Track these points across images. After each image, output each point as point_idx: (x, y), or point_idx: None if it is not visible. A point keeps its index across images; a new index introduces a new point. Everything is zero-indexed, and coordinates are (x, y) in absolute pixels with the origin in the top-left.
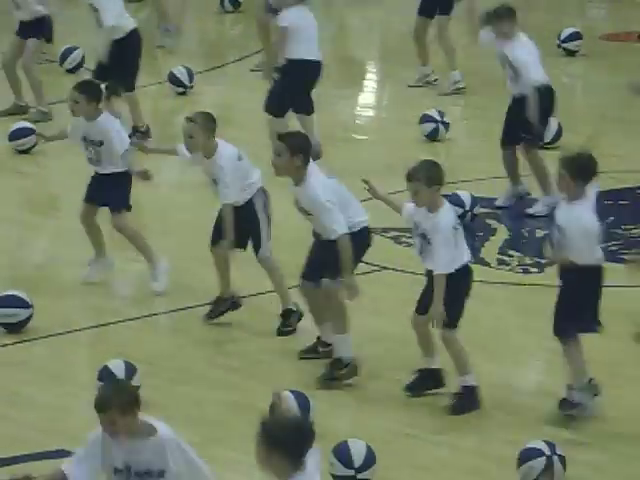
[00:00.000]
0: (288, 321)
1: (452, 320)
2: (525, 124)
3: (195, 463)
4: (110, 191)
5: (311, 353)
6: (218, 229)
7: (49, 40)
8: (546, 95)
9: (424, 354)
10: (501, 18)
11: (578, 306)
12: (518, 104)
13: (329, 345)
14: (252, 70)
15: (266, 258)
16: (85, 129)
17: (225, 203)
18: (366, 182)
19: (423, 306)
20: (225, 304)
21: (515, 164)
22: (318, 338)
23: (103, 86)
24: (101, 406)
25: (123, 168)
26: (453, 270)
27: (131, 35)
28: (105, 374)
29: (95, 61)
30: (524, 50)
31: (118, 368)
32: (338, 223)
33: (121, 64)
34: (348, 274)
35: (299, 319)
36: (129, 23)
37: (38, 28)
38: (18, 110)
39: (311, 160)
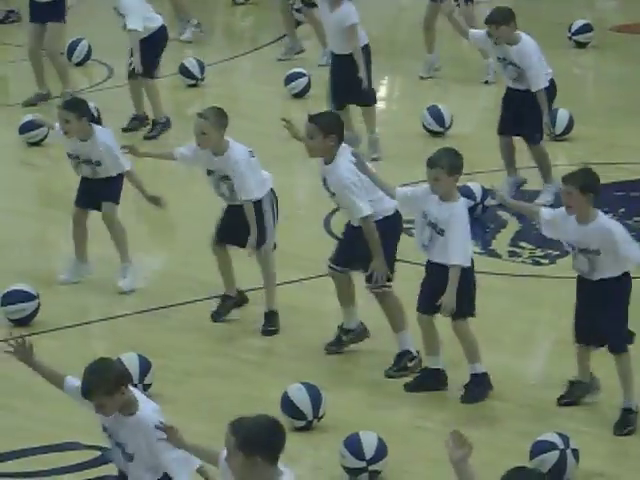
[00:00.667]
0: (271, 322)
1: (467, 310)
2: (532, 122)
3: (156, 453)
4: (103, 189)
5: (336, 345)
6: (224, 229)
7: (64, 20)
8: (552, 89)
9: (428, 352)
10: (498, 24)
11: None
12: (523, 97)
13: (351, 331)
14: (280, 59)
15: (265, 255)
16: (79, 149)
17: (247, 199)
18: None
19: (427, 303)
20: (231, 302)
21: (513, 153)
22: (340, 327)
23: (92, 105)
24: (88, 394)
25: (122, 170)
26: (469, 264)
27: (157, 33)
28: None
29: (127, 66)
30: (529, 52)
31: (132, 361)
32: (363, 205)
33: (143, 53)
34: (377, 256)
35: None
36: (156, 22)
37: (55, 10)
38: (40, 100)
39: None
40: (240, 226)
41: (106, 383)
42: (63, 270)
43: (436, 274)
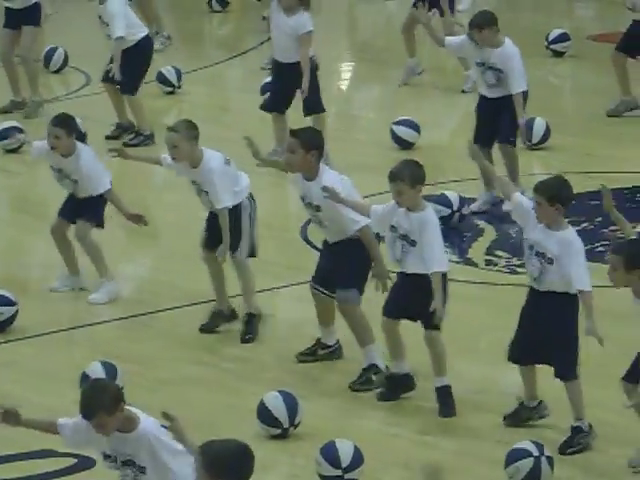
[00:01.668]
0: (250, 327)
1: (439, 321)
2: (508, 125)
3: (164, 463)
4: (85, 208)
5: (310, 356)
6: (209, 237)
7: (39, 24)
8: (525, 96)
9: (393, 358)
10: (481, 27)
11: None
12: (497, 105)
13: (328, 347)
14: (262, 68)
15: (240, 260)
16: (61, 164)
17: (221, 208)
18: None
19: (396, 309)
20: (223, 318)
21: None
22: (318, 340)
23: (79, 121)
24: (88, 414)
25: (104, 189)
26: (447, 269)
27: (141, 42)
28: (84, 381)
29: (104, 69)
30: (512, 55)
31: (97, 372)
32: (354, 216)
33: (127, 67)
34: (378, 262)
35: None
36: (140, 32)
37: (32, 15)
38: (15, 107)
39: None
40: (219, 231)
41: (105, 403)
42: (56, 277)
43: (409, 283)
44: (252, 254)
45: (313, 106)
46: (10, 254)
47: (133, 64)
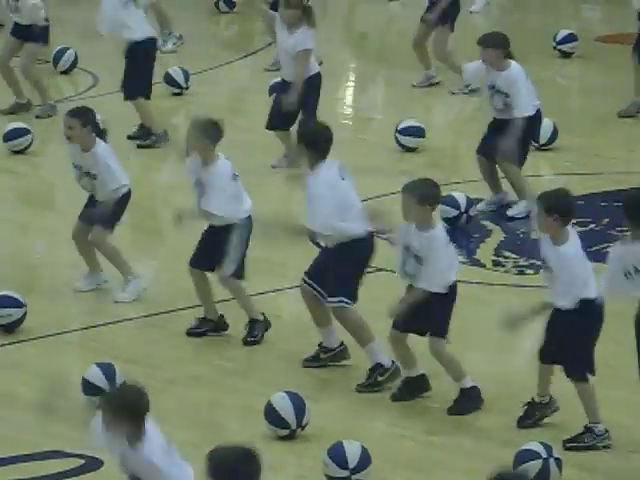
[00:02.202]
0: (254, 331)
1: (442, 331)
2: (518, 145)
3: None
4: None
5: (314, 361)
6: (199, 256)
7: (45, 42)
8: (537, 119)
9: (404, 367)
10: (486, 46)
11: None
12: (505, 125)
13: (331, 350)
14: (267, 70)
15: (227, 278)
16: (79, 159)
17: (212, 214)
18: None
19: (403, 322)
20: (208, 325)
21: (494, 172)
22: (319, 345)
23: (99, 117)
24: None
25: (123, 192)
26: (446, 290)
27: (146, 42)
28: (86, 387)
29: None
30: (516, 79)
31: (96, 377)
32: (319, 215)
33: (135, 70)
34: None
35: (266, 329)
36: (146, 30)
37: (38, 33)
38: (20, 109)
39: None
40: (214, 251)
41: (120, 406)
42: (79, 278)
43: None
44: (239, 276)
45: (302, 124)
46: (16, 255)
47: (139, 63)
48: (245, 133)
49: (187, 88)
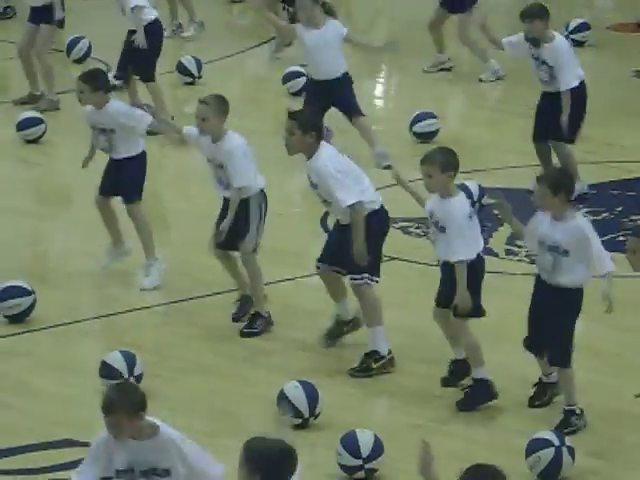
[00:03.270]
0: (255, 324)
1: (462, 311)
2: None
3: (197, 466)
4: (124, 181)
5: (335, 337)
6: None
7: (61, 25)
8: (582, 91)
9: (452, 345)
10: (533, 18)
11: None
12: (553, 101)
13: (350, 322)
14: (277, 58)
15: (248, 254)
16: (94, 117)
17: (238, 187)
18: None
19: (442, 298)
20: (249, 303)
21: (549, 158)
22: (337, 316)
23: (111, 75)
24: (108, 408)
25: (137, 152)
26: (472, 257)
27: (152, 25)
28: (105, 369)
29: (121, 48)
30: (562, 50)
31: (117, 361)
32: (348, 192)
33: (140, 54)
34: (358, 243)
35: (268, 324)
36: (151, 13)
37: (49, 13)
38: (33, 100)
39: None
40: (234, 229)
41: (129, 403)
42: (104, 253)
43: (445, 272)
44: (253, 249)
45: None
46: (29, 244)
47: (144, 50)
48: (259, 122)
49: (200, 77)
